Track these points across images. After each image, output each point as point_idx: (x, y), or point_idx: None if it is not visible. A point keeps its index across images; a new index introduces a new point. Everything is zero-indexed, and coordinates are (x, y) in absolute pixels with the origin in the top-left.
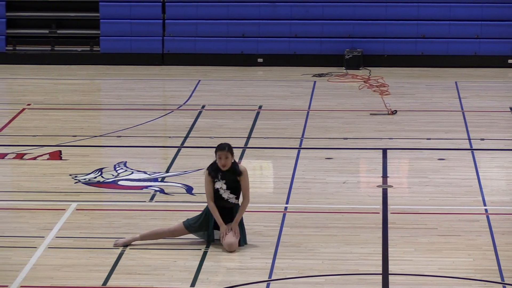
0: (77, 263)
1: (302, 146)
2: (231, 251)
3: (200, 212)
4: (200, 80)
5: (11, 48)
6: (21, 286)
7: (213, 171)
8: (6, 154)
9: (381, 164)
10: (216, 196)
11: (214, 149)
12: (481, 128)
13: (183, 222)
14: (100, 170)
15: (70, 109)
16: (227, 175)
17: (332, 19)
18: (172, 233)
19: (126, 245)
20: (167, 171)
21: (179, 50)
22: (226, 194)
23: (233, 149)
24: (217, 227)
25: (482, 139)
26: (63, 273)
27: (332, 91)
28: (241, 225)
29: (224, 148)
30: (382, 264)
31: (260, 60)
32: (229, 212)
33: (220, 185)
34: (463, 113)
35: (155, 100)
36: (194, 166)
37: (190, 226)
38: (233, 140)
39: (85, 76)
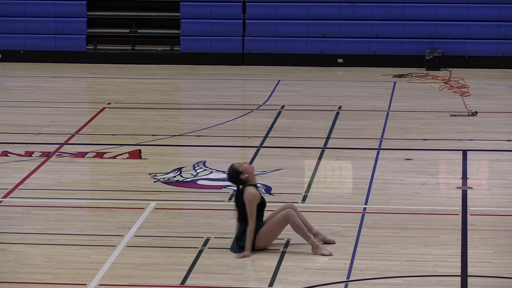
0: (155, 262)
1: (382, 147)
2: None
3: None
4: (279, 80)
5: (91, 47)
6: (99, 285)
7: None
8: (86, 153)
9: (461, 165)
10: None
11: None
12: None
13: None
14: (179, 169)
15: (150, 108)
16: None
17: (412, 19)
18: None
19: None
20: None
21: (259, 50)
22: None
23: (313, 149)
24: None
25: None
26: (141, 271)
27: (412, 92)
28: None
29: None
30: (461, 266)
31: (340, 60)
32: None
33: None
34: None
35: (235, 100)
36: (273, 166)
37: None
38: (312, 141)
39: (165, 76)
